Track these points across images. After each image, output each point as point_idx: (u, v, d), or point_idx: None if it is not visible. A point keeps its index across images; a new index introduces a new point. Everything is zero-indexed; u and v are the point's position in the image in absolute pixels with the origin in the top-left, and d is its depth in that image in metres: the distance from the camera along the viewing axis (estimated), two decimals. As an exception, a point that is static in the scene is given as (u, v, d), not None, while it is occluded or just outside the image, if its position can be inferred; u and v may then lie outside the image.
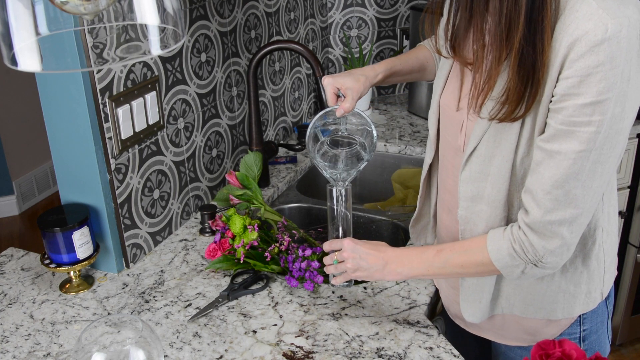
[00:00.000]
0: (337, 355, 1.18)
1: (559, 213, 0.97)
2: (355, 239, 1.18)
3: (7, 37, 0.72)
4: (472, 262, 1.07)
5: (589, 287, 1.12)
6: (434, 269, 1.11)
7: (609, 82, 0.88)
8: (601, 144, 0.92)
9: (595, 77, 0.88)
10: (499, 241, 1.04)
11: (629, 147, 2.21)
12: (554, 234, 0.98)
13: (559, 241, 0.99)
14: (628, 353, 2.62)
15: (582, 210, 0.97)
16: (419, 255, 1.13)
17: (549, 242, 0.99)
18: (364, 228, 1.75)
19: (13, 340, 1.25)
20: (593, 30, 0.87)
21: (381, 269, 1.14)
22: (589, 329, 1.17)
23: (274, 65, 2.02)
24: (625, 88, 0.89)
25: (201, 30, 1.62)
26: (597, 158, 0.93)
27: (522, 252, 1.02)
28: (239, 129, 1.86)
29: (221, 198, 1.57)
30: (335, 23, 2.40)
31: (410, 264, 1.13)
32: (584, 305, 1.14)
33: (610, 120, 0.91)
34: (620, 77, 0.88)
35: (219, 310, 1.32)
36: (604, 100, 0.89)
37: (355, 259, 1.16)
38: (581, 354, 0.86)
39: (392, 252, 1.15)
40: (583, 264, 1.10)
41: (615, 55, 0.87)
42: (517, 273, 1.04)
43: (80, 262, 1.37)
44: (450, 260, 1.09)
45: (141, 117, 1.43)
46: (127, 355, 0.96)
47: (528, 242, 1.01)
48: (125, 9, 0.77)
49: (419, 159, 2.07)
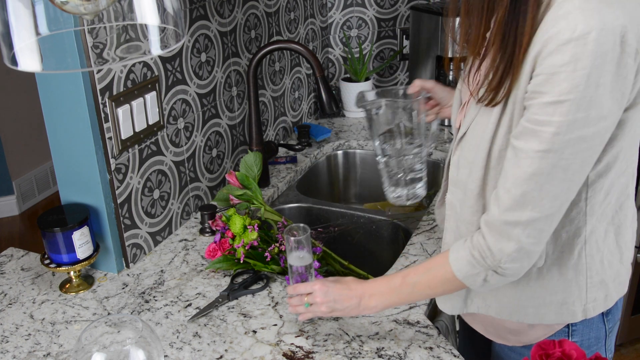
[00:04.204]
0: (337, 355, 1.18)
1: (515, 213, 0.96)
2: (324, 280, 1.17)
3: (7, 37, 0.72)
4: (437, 281, 1.08)
5: (564, 297, 1.09)
6: (404, 295, 1.12)
7: (571, 83, 0.86)
8: (561, 147, 0.90)
9: (559, 76, 0.87)
10: (458, 251, 1.04)
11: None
12: (509, 235, 0.97)
13: (514, 244, 0.97)
14: (628, 353, 2.62)
15: (540, 214, 0.95)
16: (387, 285, 1.13)
17: (505, 244, 0.98)
18: (364, 228, 1.75)
19: (13, 340, 1.25)
20: (564, 29, 0.86)
21: (356, 306, 1.14)
22: (579, 342, 1.14)
23: (274, 65, 2.02)
24: (592, 94, 0.87)
25: (201, 30, 1.62)
26: (557, 162, 0.91)
27: (481, 258, 1.01)
28: (239, 129, 1.86)
29: (221, 198, 1.57)
30: (335, 23, 2.40)
31: (381, 296, 1.13)
32: (558, 315, 1.11)
33: (571, 123, 0.88)
34: (585, 80, 0.86)
35: (219, 310, 1.32)
36: (565, 102, 0.88)
37: (330, 302, 1.14)
38: (581, 354, 0.86)
39: (362, 288, 1.14)
40: (559, 272, 1.08)
41: (580, 57, 0.85)
42: (479, 282, 1.03)
43: (80, 262, 1.37)
44: (417, 284, 1.10)
45: (141, 117, 1.43)
46: (127, 355, 0.96)
47: (486, 246, 1.00)
48: (125, 9, 0.77)
49: (419, 159, 2.07)
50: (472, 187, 1.06)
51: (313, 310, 1.16)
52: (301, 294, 1.17)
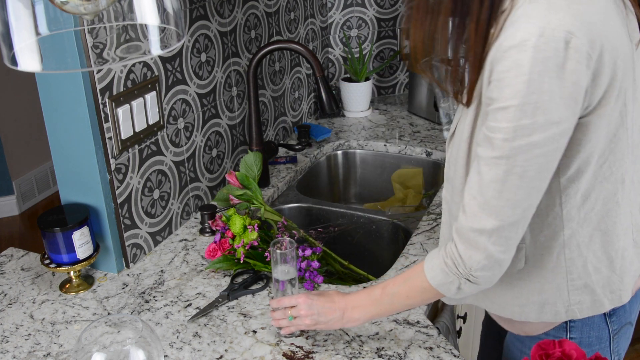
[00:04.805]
0: (337, 355, 1.18)
1: (480, 221, 0.96)
2: (308, 293, 1.18)
3: (7, 37, 0.72)
4: (414, 290, 1.09)
5: (545, 298, 1.09)
6: (384, 306, 1.13)
7: (514, 89, 0.87)
8: (513, 154, 0.91)
9: (503, 82, 0.88)
10: (432, 260, 1.06)
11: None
12: (476, 244, 0.97)
13: (482, 253, 0.97)
14: (628, 353, 2.61)
15: (503, 222, 0.95)
16: (368, 297, 1.14)
17: (474, 253, 0.98)
18: (364, 228, 1.75)
19: (13, 340, 1.25)
20: (509, 36, 0.88)
21: (339, 319, 1.15)
22: (577, 338, 1.13)
23: (274, 65, 2.02)
24: (536, 99, 0.87)
25: (201, 30, 1.62)
26: (511, 168, 0.92)
27: (454, 266, 1.01)
28: (239, 129, 1.86)
29: (221, 198, 1.57)
30: (335, 23, 2.40)
31: (363, 308, 1.14)
32: (540, 314, 1.11)
33: (518, 129, 0.89)
34: (526, 86, 0.86)
35: (219, 310, 1.32)
36: (509, 107, 0.88)
37: (314, 315, 1.15)
38: (581, 354, 0.87)
39: (345, 300, 1.15)
40: (539, 274, 1.08)
41: (520, 63, 0.86)
42: (453, 290, 1.04)
43: (80, 262, 1.37)
44: (396, 294, 1.11)
45: (141, 117, 1.43)
46: (127, 355, 0.96)
47: (457, 254, 1.00)
48: (125, 9, 0.77)
49: (419, 159, 2.07)
50: (457, 184, 1.08)
51: (297, 323, 1.17)
52: (285, 307, 1.18)
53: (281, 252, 1.18)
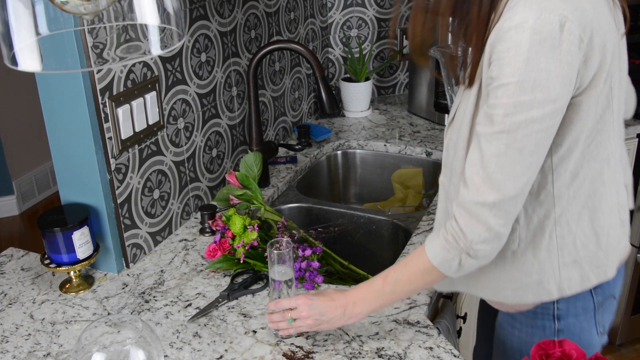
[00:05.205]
0: (337, 355, 1.18)
1: (482, 194, 1.01)
2: (306, 294, 1.17)
3: (7, 37, 0.72)
4: (416, 274, 1.11)
5: (540, 277, 1.13)
6: (386, 296, 1.14)
7: (513, 67, 0.94)
8: (513, 129, 0.97)
9: (503, 61, 0.95)
10: (433, 240, 1.09)
11: (629, 147, 2.20)
12: (478, 217, 1.02)
13: (483, 226, 1.02)
14: (628, 353, 2.62)
15: (504, 196, 1.00)
16: (368, 289, 1.15)
17: (476, 226, 1.02)
18: (364, 228, 1.75)
19: (13, 340, 1.25)
20: (508, 19, 0.95)
21: (341, 316, 1.15)
22: (564, 309, 1.17)
23: (274, 65, 2.02)
24: (534, 77, 0.94)
25: (201, 30, 1.62)
26: (511, 143, 0.97)
27: (455, 242, 1.05)
28: (239, 129, 1.86)
29: (221, 198, 1.57)
30: (335, 23, 2.40)
31: (365, 301, 1.15)
32: (536, 295, 1.15)
33: (518, 105, 0.95)
34: (524, 64, 0.93)
35: (219, 310, 1.32)
36: (509, 84, 0.95)
37: (315, 315, 1.15)
38: (581, 354, 0.87)
39: (345, 297, 1.16)
40: (533, 254, 1.12)
41: (519, 43, 0.93)
42: (454, 267, 1.07)
43: (80, 262, 1.37)
44: (398, 281, 1.12)
45: (141, 117, 1.43)
46: (127, 355, 0.96)
47: (458, 228, 1.04)
48: (125, 9, 0.77)
49: (419, 159, 2.07)
50: (457, 167, 1.12)
51: (297, 325, 1.17)
52: (284, 309, 1.17)
53: (278, 252, 1.18)
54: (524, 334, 1.22)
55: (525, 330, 1.22)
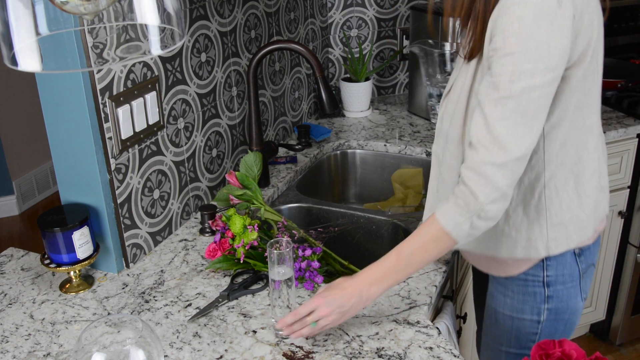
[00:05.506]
0: (337, 355, 1.18)
1: (491, 155, 1.08)
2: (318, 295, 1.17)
3: (7, 37, 0.72)
4: (429, 243, 1.15)
5: (529, 234, 1.23)
6: (401, 271, 1.17)
7: (517, 38, 1.04)
8: (517, 94, 1.05)
9: (507, 32, 1.05)
10: (443, 207, 1.14)
11: (629, 147, 2.20)
12: (488, 177, 1.08)
13: (492, 186, 1.08)
14: (628, 353, 2.62)
15: (511, 157, 1.07)
16: (382, 268, 1.17)
17: (485, 187, 1.08)
18: (364, 228, 1.75)
19: (13, 340, 1.25)
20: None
21: (359, 301, 1.16)
22: (553, 276, 1.27)
23: (274, 65, 2.02)
24: (536, 47, 1.04)
25: (201, 30, 1.62)
26: (515, 107, 1.06)
27: (465, 205, 1.10)
28: (239, 129, 1.86)
29: (221, 198, 1.57)
30: (335, 23, 2.40)
31: (379, 281, 1.17)
32: (525, 250, 1.24)
33: (522, 72, 1.05)
34: (528, 35, 1.04)
35: (219, 310, 1.32)
36: (514, 53, 1.04)
37: (336, 309, 1.15)
38: (581, 354, 0.87)
39: (358, 282, 1.17)
40: (523, 211, 1.22)
41: (522, 16, 1.03)
42: (466, 229, 1.12)
43: (80, 262, 1.37)
44: (413, 253, 1.16)
45: (141, 117, 1.43)
46: (127, 355, 0.96)
47: (468, 192, 1.10)
48: (125, 9, 0.77)
49: (419, 159, 2.07)
50: (453, 135, 1.22)
51: (322, 324, 1.17)
52: (303, 317, 1.17)
53: (278, 252, 1.18)
54: (515, 301, 1.30)
55: (517, 298, 1.30)
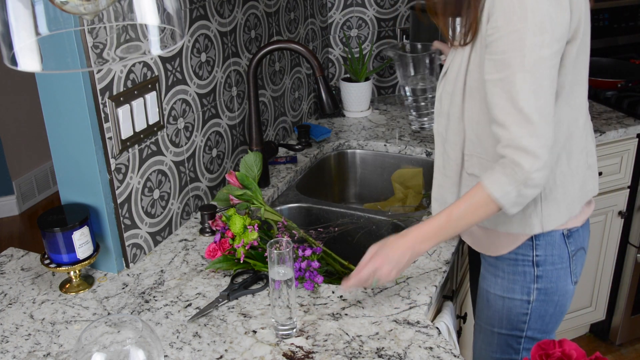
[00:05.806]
0: (337, 355, 1.18)
1: (522, 130, 1.13)
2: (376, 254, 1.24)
3: (7, 37, 0.72)
4: (478, 208, 1.20)
5: (524, 209, 1.27)
6: (449, 231, 1.24)
7: (520, 15, 1.10)
8: (531, 68, 1.11)
9: (509, 11, 1.11)
10: (491, 176, 1.18)
11: (629, 147, 2.20)
12: (527, 148, 1.13)
13: (533, 155, 1.13)
14: (628, 353, 2.62)
15: (538, 125, 1.12)
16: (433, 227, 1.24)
17: (527, 157, 1.13)
18: (364, 228, 1.75)
19: (13, 340, 1.25)
20: None
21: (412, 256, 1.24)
22: (542, 256, 1.32)
23: (274, 65, 2.02)
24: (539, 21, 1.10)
25: (201, 30, 1.62)
26: (533, 80, 1.12)
27: (512, 174, 1.15)
28: (239, 129, 1.86)
29: (221, 198, 1.57)
30: (335, 23, 2.40)
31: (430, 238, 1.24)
32: (521, 226, 1.30)
33: (531, 46, 1.11)
34: (530, 10, 1.10)
35: (219, 310, 1.32)
36: (519, 29, 1.10)
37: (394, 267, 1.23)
38: (581, 354, 0.87)
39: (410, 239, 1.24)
40: None
41: None
42: (513, 197, 1.16)
43: (80, 262, 1.37)
44: (462, 216, 1.22)
45: (141, 117, 1.43)
46: (127, 355, 0.96)
47: (513, 162, 1.14)
48: (125, 9, 0.77)
49: (419, 159, 2.07)
50: (454, 112, 1.30)
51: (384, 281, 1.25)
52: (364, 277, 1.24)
53: (278, 252, 1.18)
54: (506, 280, 1.37)
55: (507, 277, 1.36)
